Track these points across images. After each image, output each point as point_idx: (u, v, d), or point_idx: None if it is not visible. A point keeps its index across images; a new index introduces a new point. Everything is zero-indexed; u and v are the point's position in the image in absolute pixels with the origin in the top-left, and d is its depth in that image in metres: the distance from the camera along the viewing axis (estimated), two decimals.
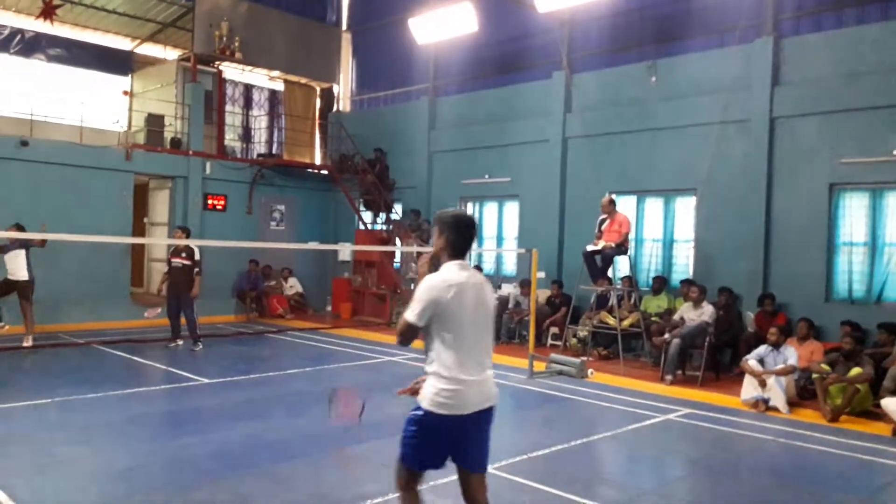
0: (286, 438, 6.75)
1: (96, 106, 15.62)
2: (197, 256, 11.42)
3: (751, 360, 8.69)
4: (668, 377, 9.79)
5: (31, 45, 15.29)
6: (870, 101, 10.06)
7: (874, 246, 10.18)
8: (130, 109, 16.63)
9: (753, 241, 11.10)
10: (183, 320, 11.52)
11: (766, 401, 8.42)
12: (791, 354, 8.60)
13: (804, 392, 8.83)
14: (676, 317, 10.39)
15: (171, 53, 17.24)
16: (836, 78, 10.47)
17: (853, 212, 10.39)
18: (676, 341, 9.85)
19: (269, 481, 5.45)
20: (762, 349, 8.80)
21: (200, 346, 11.51)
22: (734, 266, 11.26)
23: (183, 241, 11.11)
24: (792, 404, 8.44)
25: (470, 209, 15.78)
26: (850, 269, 10.35)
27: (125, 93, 16.93)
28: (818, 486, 5.82)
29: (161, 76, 16.88)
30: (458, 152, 15.75)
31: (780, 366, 8.51)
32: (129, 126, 16.22)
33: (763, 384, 8.43)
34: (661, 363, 10.09)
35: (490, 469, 5.80)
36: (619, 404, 8.65)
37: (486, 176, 15.04)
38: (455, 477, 3.82)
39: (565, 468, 6.07)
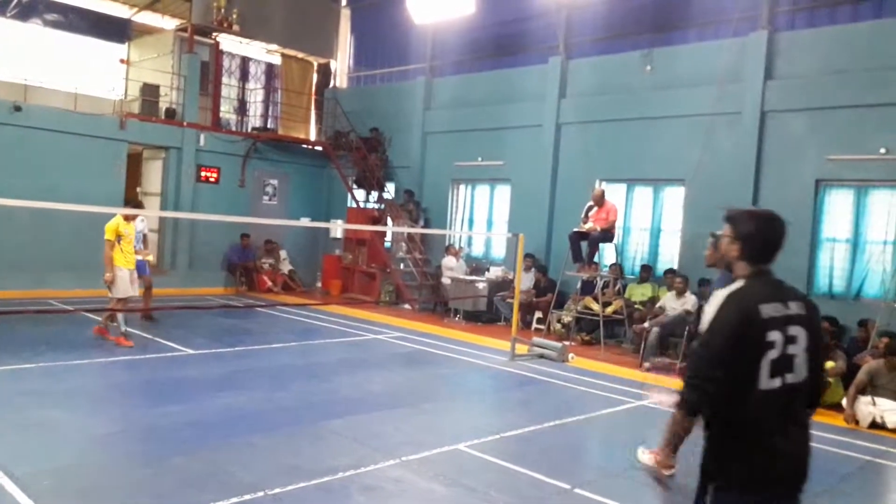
0: (265, 410, 6.88)
1: (92, 73, 15.57)
2: None
3: None
4: (646, 364, 9.96)
5: (27, 9, 15.17)
6: (859, 98, 10.12)
7: (856, 243, 10.30)
8: (126, 78, 16.59)
9: None
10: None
11: None
12: None
13: None
14: (659, 305, 10.55)
15: (169, 23, 17.13)
16: (828, 74, 10.51)
17: (837, 208, 10.50)
18: (656, 329, 10.02)
19: (244, 452, 5.58)
20: None
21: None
22: None
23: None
24: None
25: (462, 192, 15.85)
26: (832, 265, 10.49)
27: (122, 61, 16.86)
28: None
29: (158, 46, 16.81)
30: (452, 134, 15.76)
31: None
32: (125, 95, 16.19)
33: None
34: (641, 350, 10.24)
35: (460, 447, 6.00)
36: (595, 389, 8.80)
37: (479, 159, 15.07)
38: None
39: (535, 449, 6.21)
